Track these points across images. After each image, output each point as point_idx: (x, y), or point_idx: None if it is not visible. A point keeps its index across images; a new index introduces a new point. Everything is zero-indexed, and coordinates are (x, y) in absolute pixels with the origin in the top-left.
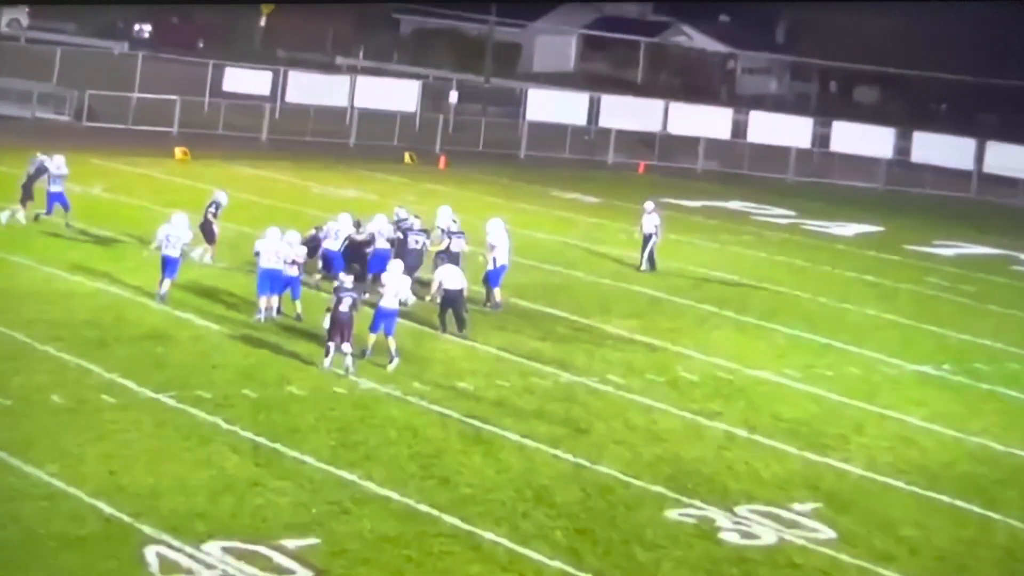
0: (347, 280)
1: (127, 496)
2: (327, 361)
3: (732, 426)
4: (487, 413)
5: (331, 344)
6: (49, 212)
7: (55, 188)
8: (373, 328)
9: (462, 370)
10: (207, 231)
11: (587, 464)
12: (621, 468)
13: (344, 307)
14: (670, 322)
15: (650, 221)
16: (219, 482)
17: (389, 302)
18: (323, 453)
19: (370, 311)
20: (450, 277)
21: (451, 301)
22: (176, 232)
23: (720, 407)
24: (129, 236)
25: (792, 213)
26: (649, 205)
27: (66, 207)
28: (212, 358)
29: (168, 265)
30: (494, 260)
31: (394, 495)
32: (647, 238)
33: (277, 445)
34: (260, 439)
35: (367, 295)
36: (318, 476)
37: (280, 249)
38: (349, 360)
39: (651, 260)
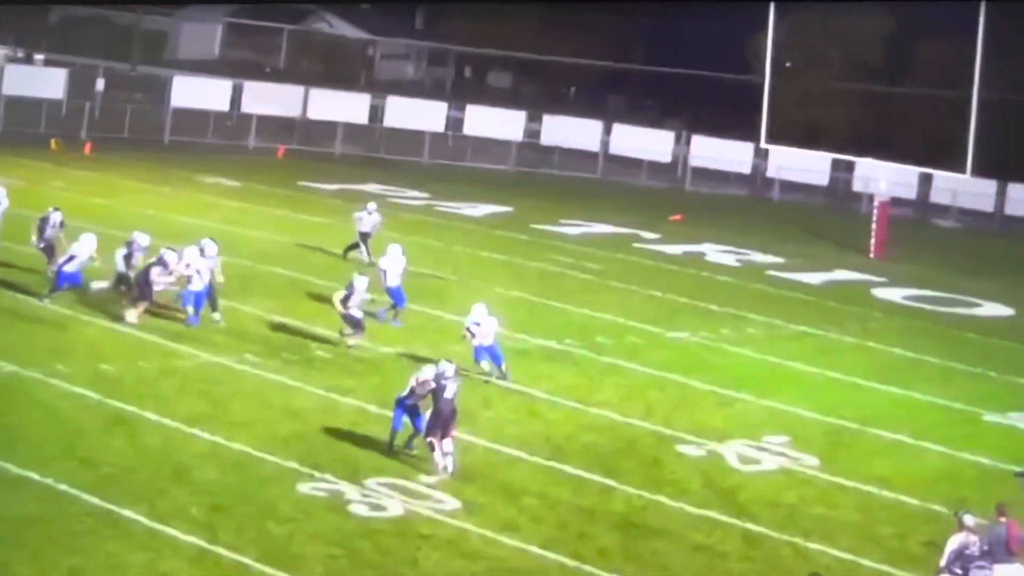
0: None
1: None
2: None
3: (364, 402)
4: (128, 394)
5: None
6: None
7: None
8: None
9: (104, 353)
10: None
11: (224, 442)
12: (256, 445)
13: None
14: (308, 303)
15: (369, 221)
16: None
17: None
18: None
19: None
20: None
21: None
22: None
23: (353, 384)
24: None
25: (426, 195)
26: (372, 205)
27: None
28: None
29: None
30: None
31: (35, 476)
32: (364, 236)
33: None
34: None
35: None
36: None
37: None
38: None
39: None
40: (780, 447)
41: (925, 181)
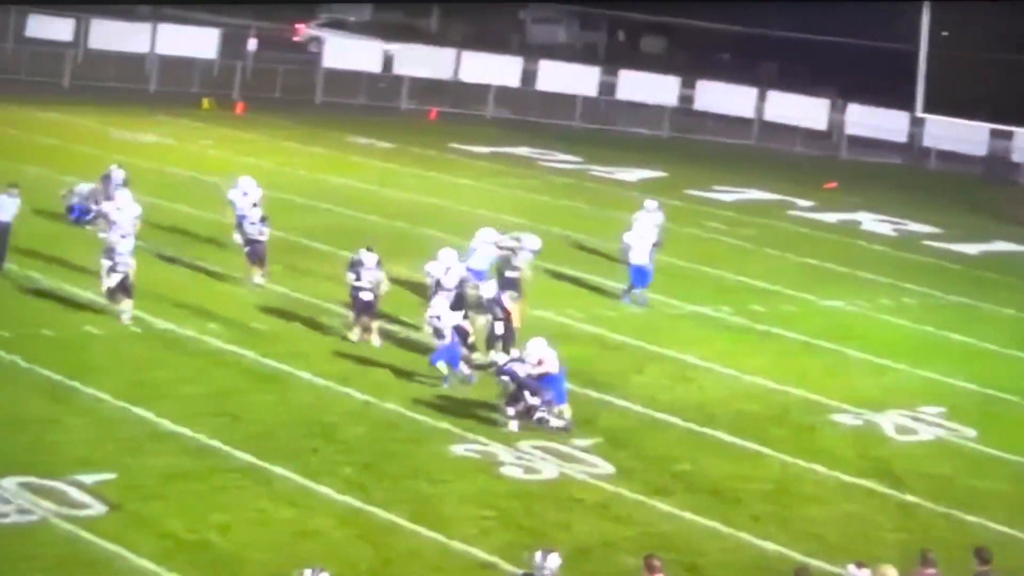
0: None
1: None
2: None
3: None
4: (279, 353)
5: None
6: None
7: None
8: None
9: (256, 311)
10: None
11: (375, 401)
12: (407, 405)
13: None
14: None
15: (651, 220)
16: (16, 419)
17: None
18: (119, 391)
19: None
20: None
21: None
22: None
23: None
24: None
25: (578, 159)
26: (651, 203)
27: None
28: (11, 298)
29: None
30: None
31: (187, 432)
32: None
33: (74, 383)
34: (57, 377)
35: None
36: (114, 413)
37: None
38: None
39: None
40: (936, 417)
41: None
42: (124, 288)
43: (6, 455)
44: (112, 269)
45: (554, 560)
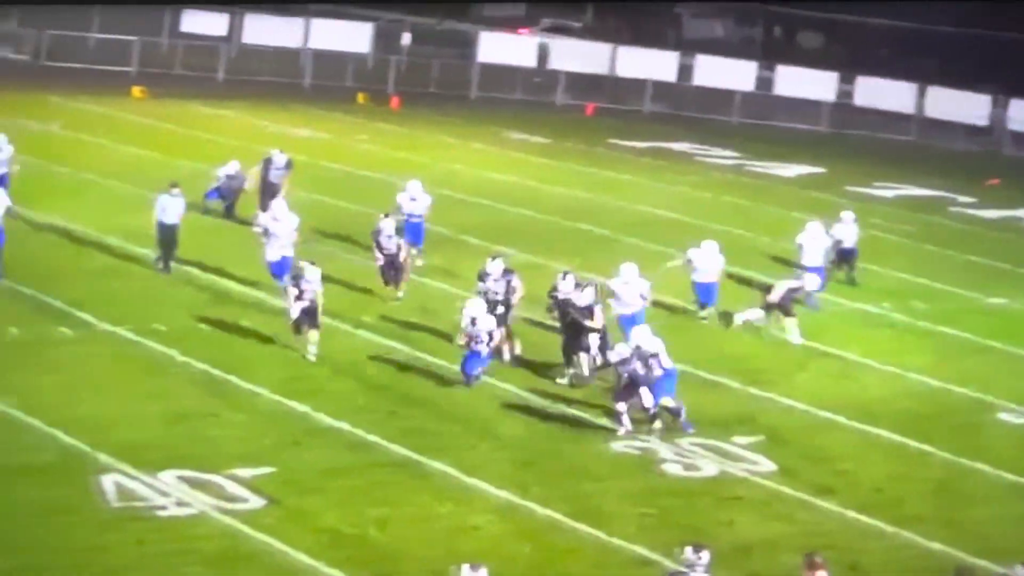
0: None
1: (84, 426)
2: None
3: (677, 361)
4: (435, 347)
5: None
6: None
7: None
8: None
9: (411, 306)
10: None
11: (534, 398)
12: (566, 402)
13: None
14: (612, 260)
15: (847, 232)
16: (174, 412)
17: None
18: (275, 385)
19: None
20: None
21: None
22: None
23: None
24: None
25: (736, 154)
26: (848, 214)
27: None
28: (168, 293)
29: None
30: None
31: (344, 426)
32: (846, 253)
33: (231, 377)
34: (214, 371)
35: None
36: (271, 408)
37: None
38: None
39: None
40: None
41: None
42: (311, 317)
43: (164, 448)
44: (299, 297)
45: (706, 555)
